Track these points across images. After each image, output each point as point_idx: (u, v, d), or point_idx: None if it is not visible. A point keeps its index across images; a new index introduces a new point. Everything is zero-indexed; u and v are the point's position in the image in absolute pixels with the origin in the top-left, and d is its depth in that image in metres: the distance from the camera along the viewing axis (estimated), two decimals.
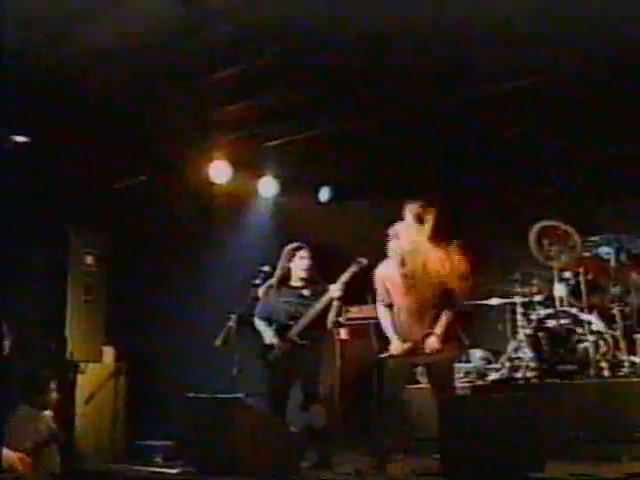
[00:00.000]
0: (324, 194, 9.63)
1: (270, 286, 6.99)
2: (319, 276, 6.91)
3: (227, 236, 9.64)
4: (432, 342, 6.01)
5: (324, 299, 6.65)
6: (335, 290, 6.61)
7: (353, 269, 6.66)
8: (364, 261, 6.68)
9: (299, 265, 6.89)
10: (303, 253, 6.91)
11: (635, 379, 7.17)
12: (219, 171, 9.03)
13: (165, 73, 7.40)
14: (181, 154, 9.01)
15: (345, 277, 6.64)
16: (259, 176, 9.66)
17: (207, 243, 9.53)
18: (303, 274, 6.89)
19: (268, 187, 9.70)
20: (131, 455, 8.26)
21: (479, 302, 8.55)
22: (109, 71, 7.27)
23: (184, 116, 8.27)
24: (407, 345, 6.13)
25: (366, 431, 7.23)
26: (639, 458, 6.00)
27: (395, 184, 9.24)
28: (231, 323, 6.80)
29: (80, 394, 8.44)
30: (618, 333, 7.55)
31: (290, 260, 6.92)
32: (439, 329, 6.03)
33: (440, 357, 6.07)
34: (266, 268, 7.09)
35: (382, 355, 6.38)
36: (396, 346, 6.20)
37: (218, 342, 6.72)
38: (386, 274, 6.38)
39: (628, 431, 6.50)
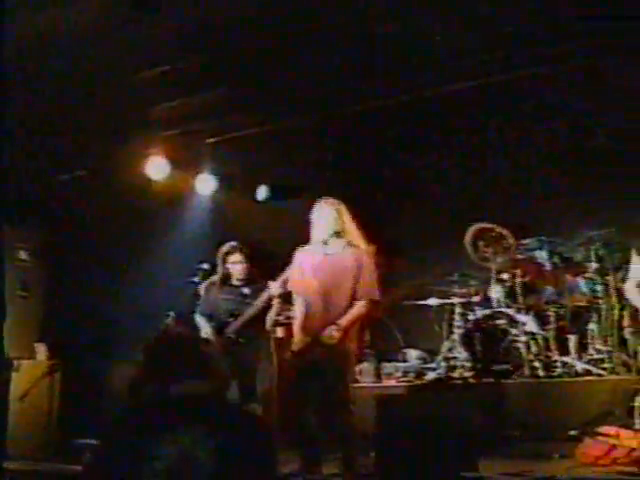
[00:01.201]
0: (262, 193, 9.59)
1: (212, 283, 6.92)
2: (259, 275, 6.85)
3: (164, 233, 9.56)
4: (330, 331, 5.70)
5: (263, 297, 6.61)
6: (274, 288, 6.55)
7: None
8: None
9: (232, 268, 6.82)
10: (235, 257, 6.79)
11: (567, 379, 7.31)
12: (157, 167, 8.97)
13: (104, 68, 7.33)
14: (118, 149, 8.92)
15: (284, 275, 6.45)
16: (197, 173, 9.59)
17: (144, 240, 9.44)
18: (239, 275, 6.84)
19: (206, 184, 9.63)
20: (64, 453, 8.12)
21: (417, 302, 8.62)
22: (45, 64, 7.18)
23: (122, 111, 8.20)
24: (307, 339, 5.86)
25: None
26: (569, 456, 6.10)
27: (331, 184, 9.29)
28: (169, 321, 6.76)
29: (13, 392, 8.30)
30: (550, 334, 7.68)
31: (224, 262, 6.83)
32: (344, 321, 5.74)
33: (337, 350, 5.73)
34: (204, 266, 7.04)
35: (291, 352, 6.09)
36: (296, 341, 5.94)
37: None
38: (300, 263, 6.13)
39: (560, 430, 6.63)
